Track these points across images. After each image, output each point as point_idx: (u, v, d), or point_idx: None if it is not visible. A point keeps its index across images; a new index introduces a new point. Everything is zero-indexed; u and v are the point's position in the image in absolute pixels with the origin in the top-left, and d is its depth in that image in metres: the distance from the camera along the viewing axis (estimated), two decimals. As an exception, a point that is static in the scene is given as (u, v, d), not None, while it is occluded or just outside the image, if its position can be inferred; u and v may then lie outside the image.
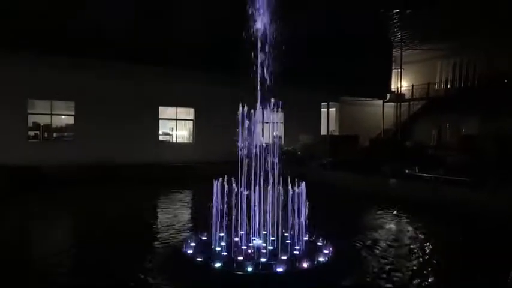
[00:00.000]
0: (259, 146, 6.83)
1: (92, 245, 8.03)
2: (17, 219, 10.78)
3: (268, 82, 6.93)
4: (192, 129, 22.81)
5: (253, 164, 6.78)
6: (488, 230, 9.59)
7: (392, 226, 10.40)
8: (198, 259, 6.29)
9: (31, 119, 18.92)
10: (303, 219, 6.75)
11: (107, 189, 15.17)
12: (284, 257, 6.31)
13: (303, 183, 6.75)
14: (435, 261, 7.38)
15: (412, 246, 8.20)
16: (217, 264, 6.03)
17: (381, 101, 30.31)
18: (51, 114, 19.18)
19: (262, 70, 6.95)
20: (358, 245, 8.08)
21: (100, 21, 16.94)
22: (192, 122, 22.75)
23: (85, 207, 12.51)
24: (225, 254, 6.48)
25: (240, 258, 6.28)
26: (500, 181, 11.89)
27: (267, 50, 6.92)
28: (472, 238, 9.02)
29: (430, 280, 6.44)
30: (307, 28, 19.61)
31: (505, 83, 25.89)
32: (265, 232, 6.84)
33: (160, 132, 22.19)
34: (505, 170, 13.08)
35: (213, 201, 6.65)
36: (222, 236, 6.80)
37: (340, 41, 22.87)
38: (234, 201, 6.61)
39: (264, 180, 6.77)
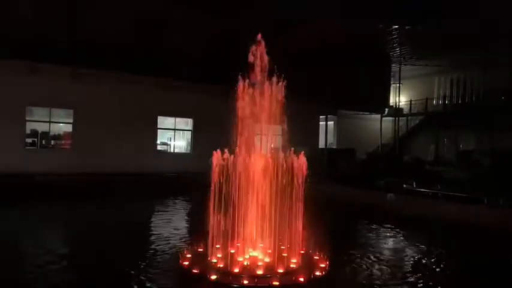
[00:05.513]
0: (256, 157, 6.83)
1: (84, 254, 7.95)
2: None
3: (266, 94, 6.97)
4: (190, 140, 22.83)
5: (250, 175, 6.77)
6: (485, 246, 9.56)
7: (385, 242, 10.35)
8: (194, 271, 6.22)
9: (29, 126, 18.87)
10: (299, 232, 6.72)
11: (101, 199, 15.05)
12: (280, 270, 6.25)
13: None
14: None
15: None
16: (214, 277, 5.97)
17: (379, 115, 30.46)
18: (50, 122, 19.14)
19: (261, 82, 6.99)
20: (348, 258, 8.01)
21: (99, 31, 17.07)
22: (190, 132, 22.76)
23: (78, 215, 12.41)
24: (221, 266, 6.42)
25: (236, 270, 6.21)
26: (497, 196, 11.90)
27: (265, 63, 6.97)
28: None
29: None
30: (308, 42, 19.79)
31: (501, 100, 26.08)
32: (261, 244, 6.79)
33: (158, 142, 22.18)
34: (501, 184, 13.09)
35: (209, 213, 6.61)
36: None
37: (339, 55, 23.04)
38: (230, 212, 6.58)
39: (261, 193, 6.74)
